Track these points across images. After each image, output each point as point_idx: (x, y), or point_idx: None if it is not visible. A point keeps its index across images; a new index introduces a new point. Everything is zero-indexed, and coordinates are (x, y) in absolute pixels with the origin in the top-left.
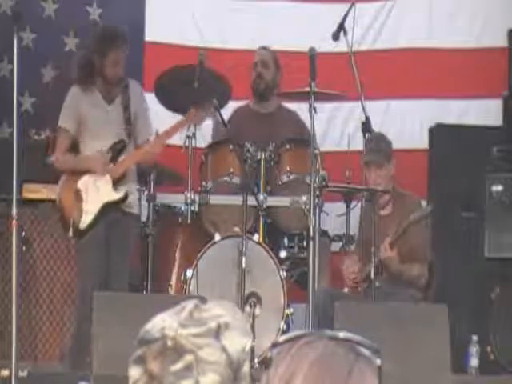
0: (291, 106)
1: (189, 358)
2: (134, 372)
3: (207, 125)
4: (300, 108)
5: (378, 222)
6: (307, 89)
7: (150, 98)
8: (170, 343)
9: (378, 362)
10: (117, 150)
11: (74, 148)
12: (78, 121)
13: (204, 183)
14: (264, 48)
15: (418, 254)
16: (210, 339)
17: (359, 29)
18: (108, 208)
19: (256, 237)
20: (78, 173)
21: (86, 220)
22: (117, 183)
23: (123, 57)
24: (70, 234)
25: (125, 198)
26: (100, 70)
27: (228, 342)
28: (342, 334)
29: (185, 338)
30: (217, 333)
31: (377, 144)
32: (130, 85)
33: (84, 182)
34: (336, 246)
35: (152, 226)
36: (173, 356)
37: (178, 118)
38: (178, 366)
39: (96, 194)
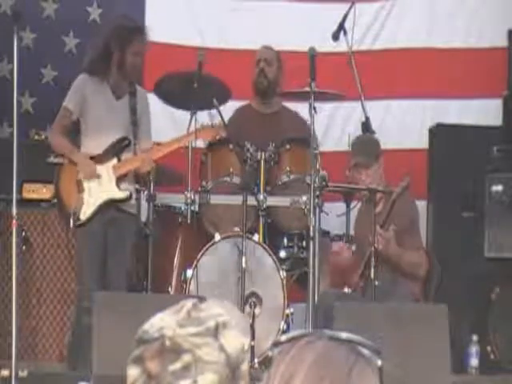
0: (292, 105)
1: (187, 357)
2: (133, 372)
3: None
4: (299, 107)
5: (371, 220)
6: (307, 89)
7: (150, 98)
8: (168, 343)
9: (379, 362)
10: (121, 146)
11: (76, 142)
12: (82, 104)
13: (204, 183)
14: (267, 47)
15: (407, 243)
16: (208, 338)
17: (359, 29)
18: (108, 205)
19: (256, 237)
20: None
21: (87, 211)
22: (118, 181)
23: (144, 50)
24: (71, 224)
25: (129, 197)
26: (119, 60)
27: (226, 341)
28: (342, 335)
29: (183, 338)
30: (215, 332)
31: (364, 146)
32: (138, 90)
33: None
34: (336, 246)
35: (152, 226)
36: (171, 355)
37: (176, 117)
38: (177, 365)
39: (98, 187)
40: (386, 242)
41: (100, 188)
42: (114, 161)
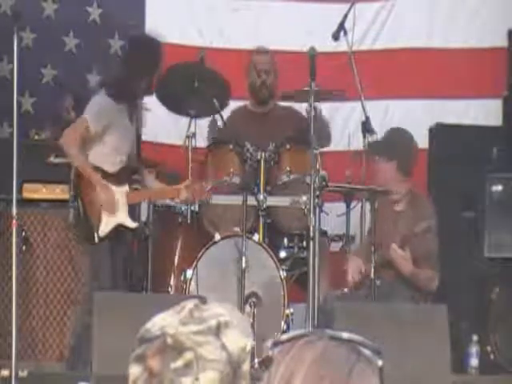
0: (291, 106)
1: (189, 355)
2: (134, 370)
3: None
4: (300, 107)
5: (392, 217)
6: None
7: (151, 99)
8: (169, 341)
9: (380, 362)
10: (130, 173)
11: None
12: (105, 129)
13: (204, 183)
14: (262, 52)
15: (426, 263)
16: (209, 337)
17: (359, 29)
18: (118, 228)
19: (256, 237)
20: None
21: (104, 230)
22: (129, 208)
23: None
24: (96, 240)
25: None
26: (151, 81)
27: (228, 340)
28: (343, 334)
29: (185, 336)
30: (217, 331)
31: (388, 138)
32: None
33: None
34: (336, 246)
35: (152, 225)
36: (173, 353)
37: (178, 118)
38: (178, 363)
39: (115, 209)
40: (404, 261)
41: (116, 211)
42: (126, 187)
